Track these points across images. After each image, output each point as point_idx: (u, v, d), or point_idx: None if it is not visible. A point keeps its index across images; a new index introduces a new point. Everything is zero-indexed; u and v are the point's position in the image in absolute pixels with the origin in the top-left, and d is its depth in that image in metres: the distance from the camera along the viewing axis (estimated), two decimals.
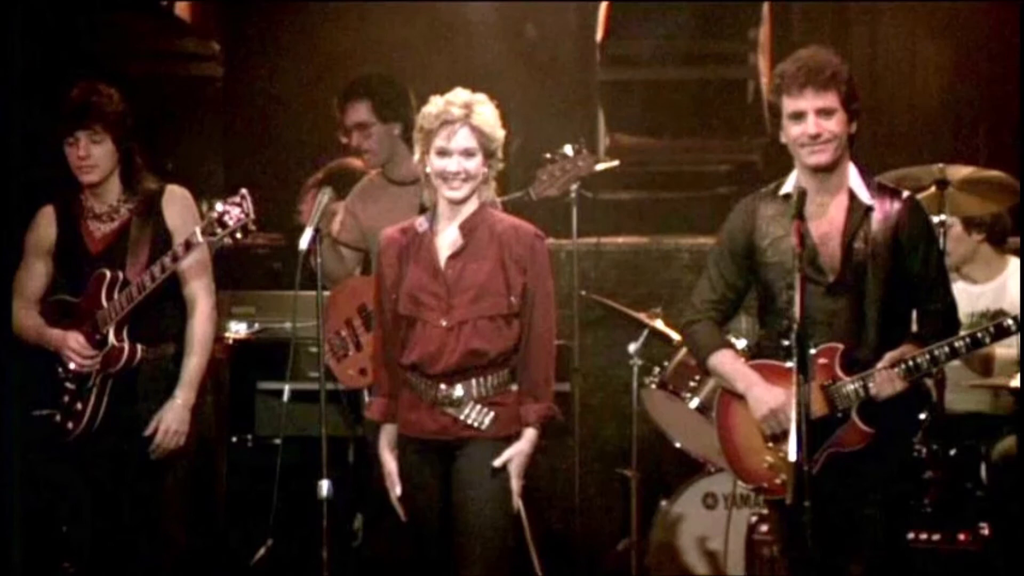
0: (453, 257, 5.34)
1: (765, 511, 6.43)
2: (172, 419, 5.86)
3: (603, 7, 8.87)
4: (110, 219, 5.97)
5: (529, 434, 5.33)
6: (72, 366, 5.89)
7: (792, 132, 5.23)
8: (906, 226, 5.25)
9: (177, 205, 5.97)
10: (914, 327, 5.33)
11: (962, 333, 5.25)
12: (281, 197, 7.83)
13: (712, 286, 5.42)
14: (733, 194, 7.71)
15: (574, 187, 6.73)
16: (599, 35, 8.88)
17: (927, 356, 5.17)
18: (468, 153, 5.28)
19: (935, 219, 6.08)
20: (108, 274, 5.88)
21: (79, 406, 5.87)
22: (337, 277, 6.73)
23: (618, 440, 7.78)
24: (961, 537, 6.30)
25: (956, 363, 6.05)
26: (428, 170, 5.33)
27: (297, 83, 8.77)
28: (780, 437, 5.21)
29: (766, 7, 8.81)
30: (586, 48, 8.93)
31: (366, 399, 6.27)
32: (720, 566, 7.07)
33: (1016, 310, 6.12)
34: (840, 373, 5.22)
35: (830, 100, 5.18)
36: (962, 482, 6.43)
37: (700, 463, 7.22)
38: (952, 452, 6.42)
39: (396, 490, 5.39)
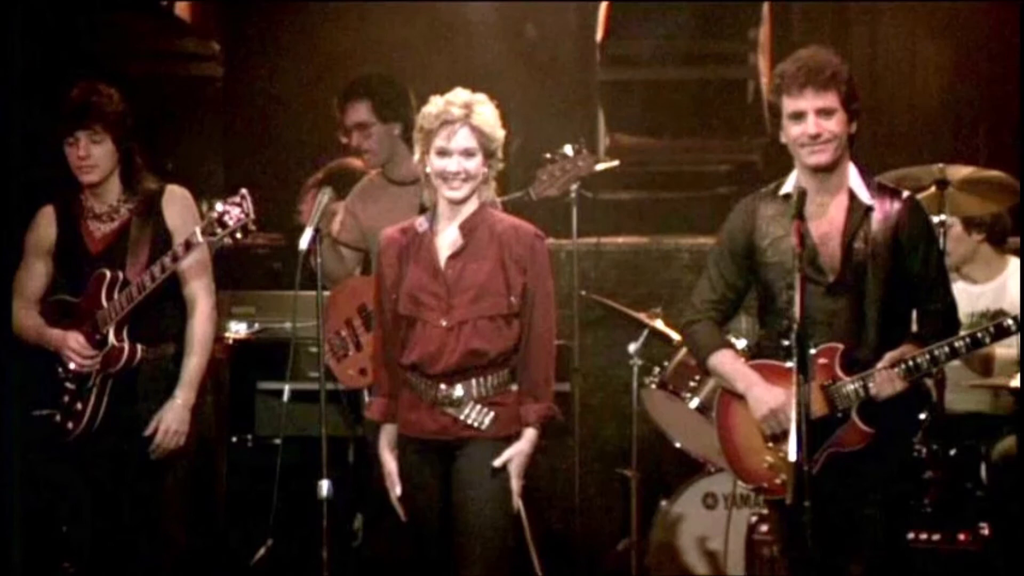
0: (453, 257, 5.34)
1: (765, 511, 6.43)
2: (172, 419, 5.86)
3: (603, 7, 8.87)
4: (110, 219, 5.97)
5: (529, 434, 5.33)
6: (72, 366, 5.89)
7: (792, 132, 5.23)
8: (906, 226, 5.25)
9: (177, 205, 5.97)
10: (914, 327, 5.33)
11: (962, 333, 5.25)
12: (281, 197, 7.83)
13: (712, 286, 5.42)
14: (733, 194, 7.71)
15: (574, 187, 6.73)
16: (599, 35, 8.88)
17: (927, 356, 5.17)
18: (468, 153, 5.28)
19: (935, 219, 6.08)
20: (108, 274, 5.88)
21: (79, 406, 5.87)
22: (337, 277, 6.73)
23: (618, 440, 7.77)
24: (961, 537, 6.30)
25: (956, 363, 6.05)
26: (428, 170, 5.33)
27: (297, 83, 8.77)
28: (780, 437, 5.21)
29: (766, 7, 8.81)
30: (586, 48, 8.93)
31: (366, 399, 6.27)
32: (720, 566, 7.07)
33: (1016, 310, 6.12)
34: (840, 373, 5.21)
35: (830, 100, 5.18)
36: (962, 482, 6.43)
37: (700, 463, 7.22)
38: (952, 452, 6.42)
39: (396, 490, 5.39)
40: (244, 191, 5.74)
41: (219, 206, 5.72)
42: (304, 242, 5.69)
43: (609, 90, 8.92)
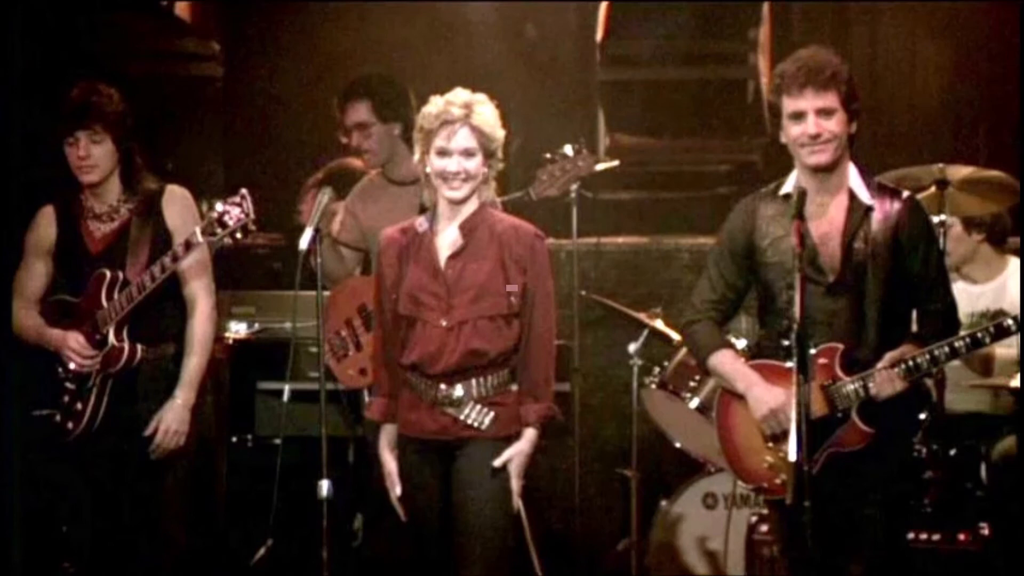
0: (453, 257, 5.34)
1: (765, 511, 6.43)
2: (172, 419, 5.86)
3: (603, 7, 8.87)
4: (110, 219, 5.97)
5: (529, 434, 5.33)
6: (72, 366, 5.89)
7: (792, 132, 5.23)
8: (906, 226, 5.25)
9: (177, 205, 5.97)
10: (914, 327, 5.33)
11: (962, 333, 5.25)
12: (281, 197, 7.83)
13: (712, 286, 5.42)
14: (733, 194, 7.71)
15: (574, 187, 6.73)
16: (599, 35, 8.88)
17: (927, 356, 5.17)
18: (468, 153, 5.28)
19: (935, 219, 6.08)
20: (108, 274, 5.88)
21: (79, 406, 5.87)
22: (337, 277, 6.73)
23: (618, 440, 7.77)
24: (961, 537, 6.30)
25: (956, 363, 6.05)
26: (428, 170, 5.33)
27: (297, 83, 8.77)
28: (780, 437, 5.21)
29: (766, 7, 8.81)
30: (586, 48, 8.93)
31: (366, 399, 6.27)
32: (720, 566, 7.07)
33: (1016, 310, 6.12)
34: (840, 373, 5.21)
35: (830, 100, 5.18)
36: (962, 482, 6.43)
37: (700, 463, 7.22)
38: (952, 452, 6.42)
39: (396, 490, 5.39)
40: (244, 191, 5.74)
41: (219, 206, 5.72)
42: (304, 242, 5.69)
43: (609, 90, 8.92)
